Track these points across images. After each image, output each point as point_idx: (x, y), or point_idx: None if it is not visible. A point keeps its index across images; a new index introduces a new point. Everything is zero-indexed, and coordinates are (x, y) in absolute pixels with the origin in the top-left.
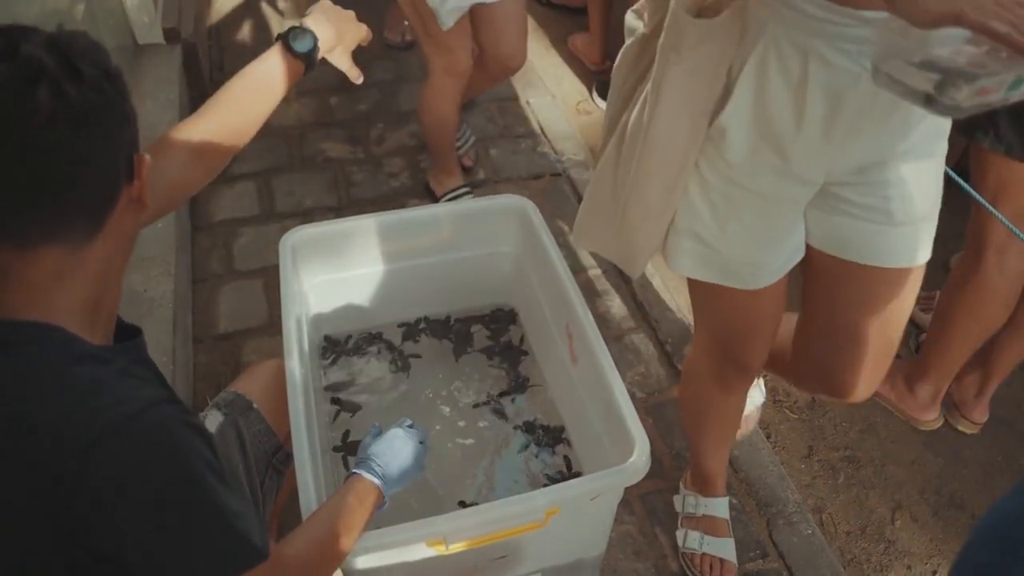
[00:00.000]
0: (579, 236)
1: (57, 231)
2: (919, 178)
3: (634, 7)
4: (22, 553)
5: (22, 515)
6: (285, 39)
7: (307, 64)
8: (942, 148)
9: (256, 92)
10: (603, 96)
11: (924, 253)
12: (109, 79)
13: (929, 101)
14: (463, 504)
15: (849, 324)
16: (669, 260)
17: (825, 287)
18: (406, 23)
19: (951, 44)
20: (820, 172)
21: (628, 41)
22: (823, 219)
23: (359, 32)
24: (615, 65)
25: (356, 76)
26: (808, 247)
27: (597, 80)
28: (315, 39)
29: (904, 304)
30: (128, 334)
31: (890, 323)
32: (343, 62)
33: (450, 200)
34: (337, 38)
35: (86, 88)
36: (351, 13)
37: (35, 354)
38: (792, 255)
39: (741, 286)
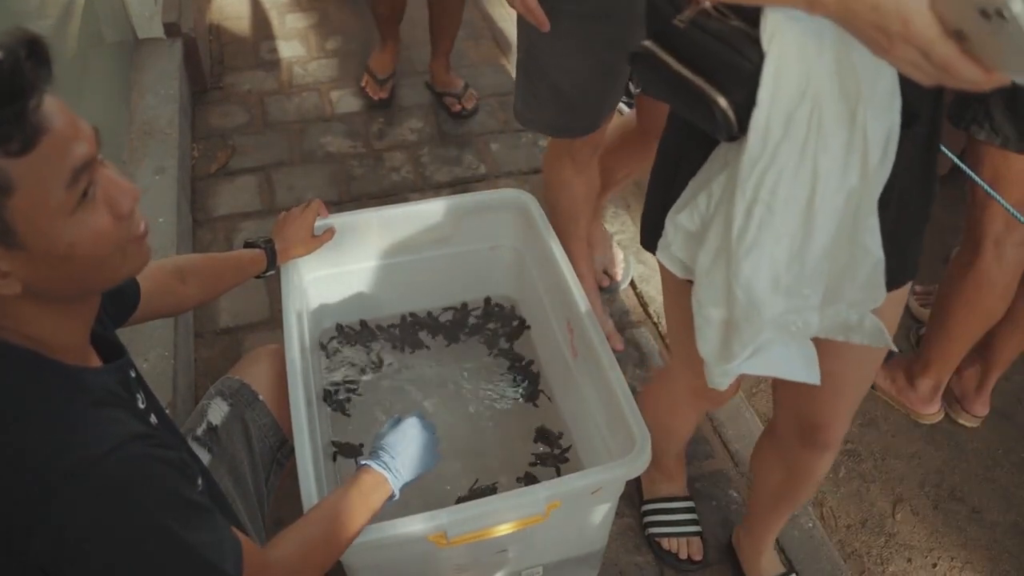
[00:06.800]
0: None
1: None
2: None
3: None
4: None
5: None
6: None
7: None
8: None
9: (229, 275)
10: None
11: None
12: None
13: None
14: (463, 499)
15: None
16: None
17: None
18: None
19: None
20: None
21: None
22: None
23: (305, 247)
24: None
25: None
26: None
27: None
28: (274, 254)
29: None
30: (114, 353)
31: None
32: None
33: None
34: (283, 253)
35: None
36: (303, 233)
37: (6, 381)
38: None
39: None
